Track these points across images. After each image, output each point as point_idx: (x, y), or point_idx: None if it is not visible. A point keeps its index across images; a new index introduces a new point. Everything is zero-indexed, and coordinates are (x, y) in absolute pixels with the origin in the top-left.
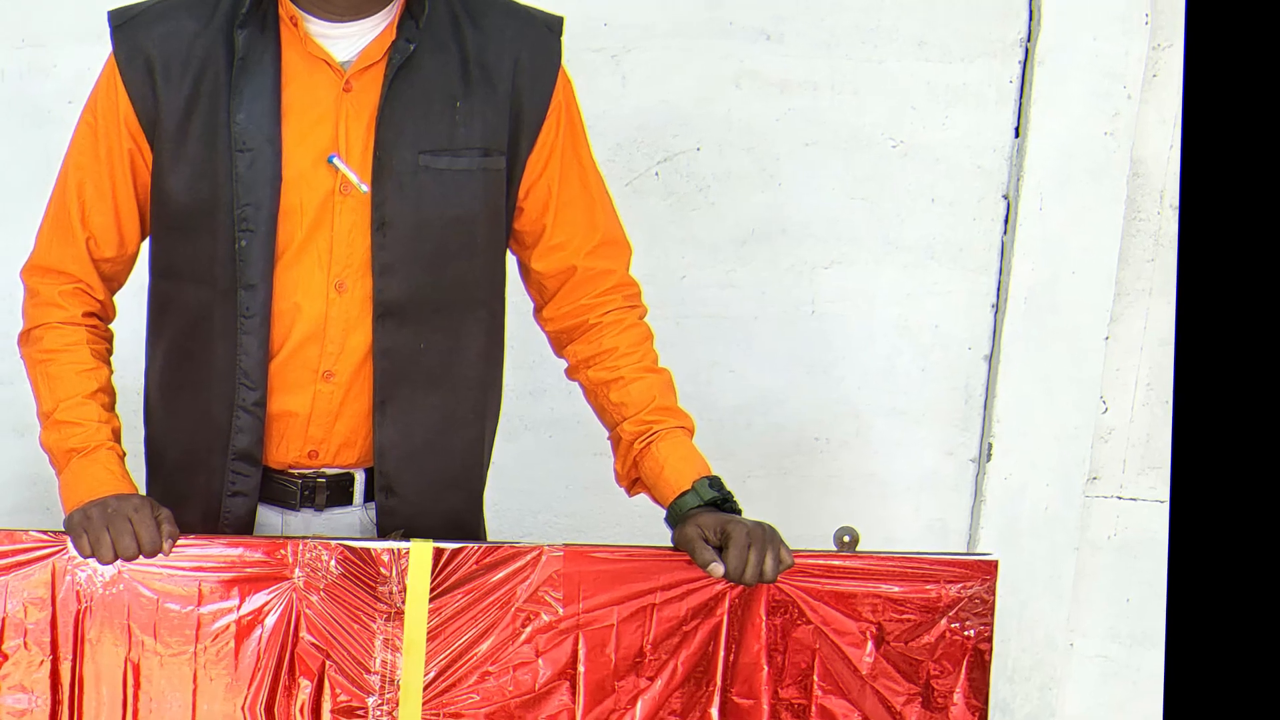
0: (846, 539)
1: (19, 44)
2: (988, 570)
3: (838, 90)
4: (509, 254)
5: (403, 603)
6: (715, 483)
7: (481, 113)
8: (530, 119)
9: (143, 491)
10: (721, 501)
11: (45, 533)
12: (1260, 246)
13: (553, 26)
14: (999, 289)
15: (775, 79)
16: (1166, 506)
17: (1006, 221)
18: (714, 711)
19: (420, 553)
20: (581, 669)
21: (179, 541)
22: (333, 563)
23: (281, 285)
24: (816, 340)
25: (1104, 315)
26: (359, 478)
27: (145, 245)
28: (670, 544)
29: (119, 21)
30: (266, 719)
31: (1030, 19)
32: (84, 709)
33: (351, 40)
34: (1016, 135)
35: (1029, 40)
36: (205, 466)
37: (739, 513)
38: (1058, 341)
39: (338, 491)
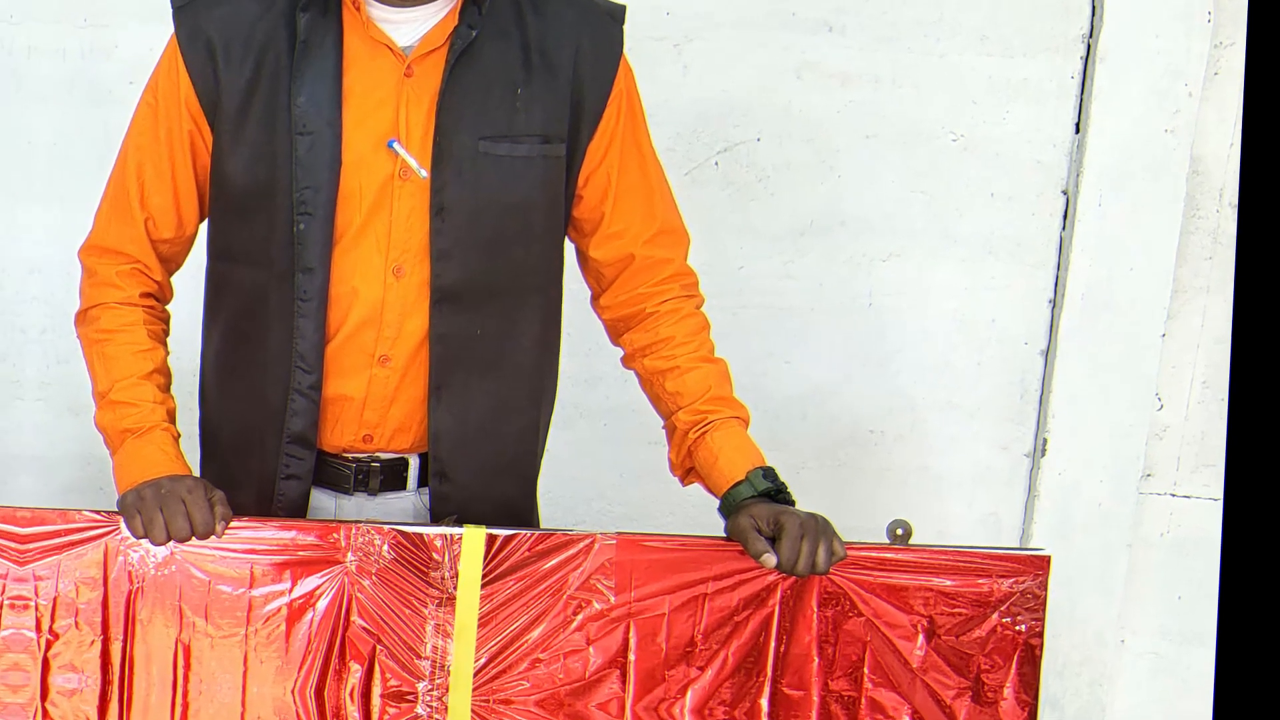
0: (899, 532)
1: (81, 24)
2: (1040, 565)
3: (898, 83)
4: (567, 241)
5: (454, 588)
6: (769, 473)
7: (542, 100)
8: (591, 107)
9: (196, 473)
10: (775, 492)
11: (98, 513)
12: None
13: (615, 15)
14: (1056, 284)
15: (836, 71)
16: (1220, 505)
17: (1065, 217)
18: (764, 702)
19: (473, 539)
20: (632, 657)
21: (232, 524)
22: (385, 547)
23: (339, 269)
24: (873, 333)
25: (1161, 312)
26: (413, 463)
27: (203, 227)
28: (723, 534)
29: (181, 3)
30: (316, 702)
31: (1092, 15)
32: (134, 689)
33: (413, 25)
34: (1076, 131)
35: (1090, 36)
36: (259, 449)
37: (792, 504)
38: (1114, 338)
39: (392, 476)
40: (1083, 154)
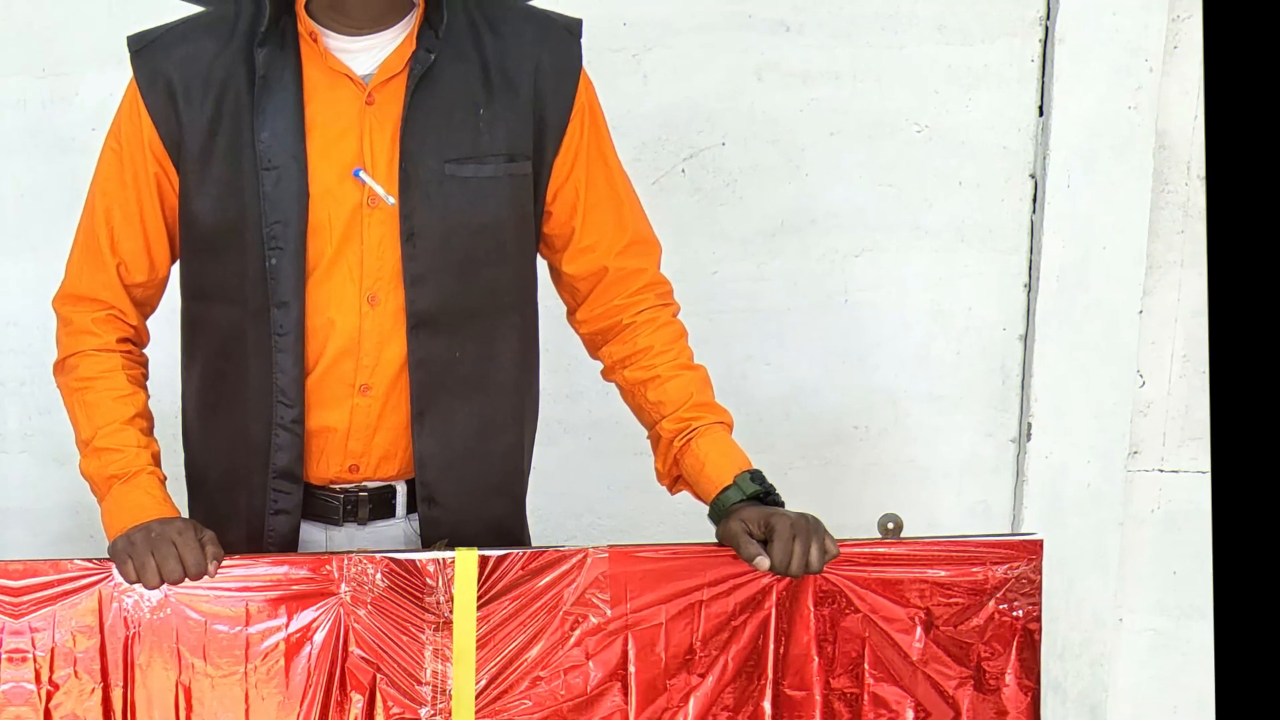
0: (890, 526)
1: (40, 74)
2: (1033, 550)
3: (859, 78)
4: (539, 258)
5: (450, 612)
6: (757, 476)
7: (505, 119)
8: (554, 123)
9: (185, 514)
10: (764, 495)
11: (90, 561)
12: None
13: (572, 29)
14: (1030, 268)
15: (797, 70)
16: (1208, 477)
17: (1034, 201)
18: (766, 705)
19: (465, 561)
20: (632, 669)
21: (224, 562)
22: (378, 576)
23: (314, 301)
24: (850, 329)
25: (1136, 289)
26: (401, 489)
27: (176, 268)
28: (715, 540)
29: (138, 46)
30: None
31: None
32: None
33: (371, 53)
34: (1040, 114)
35: (1048, 18)
36: (246, 486)
37: (781, 505)
38: (1092, 318)
39: (380, 504)
40: (1048, 136)
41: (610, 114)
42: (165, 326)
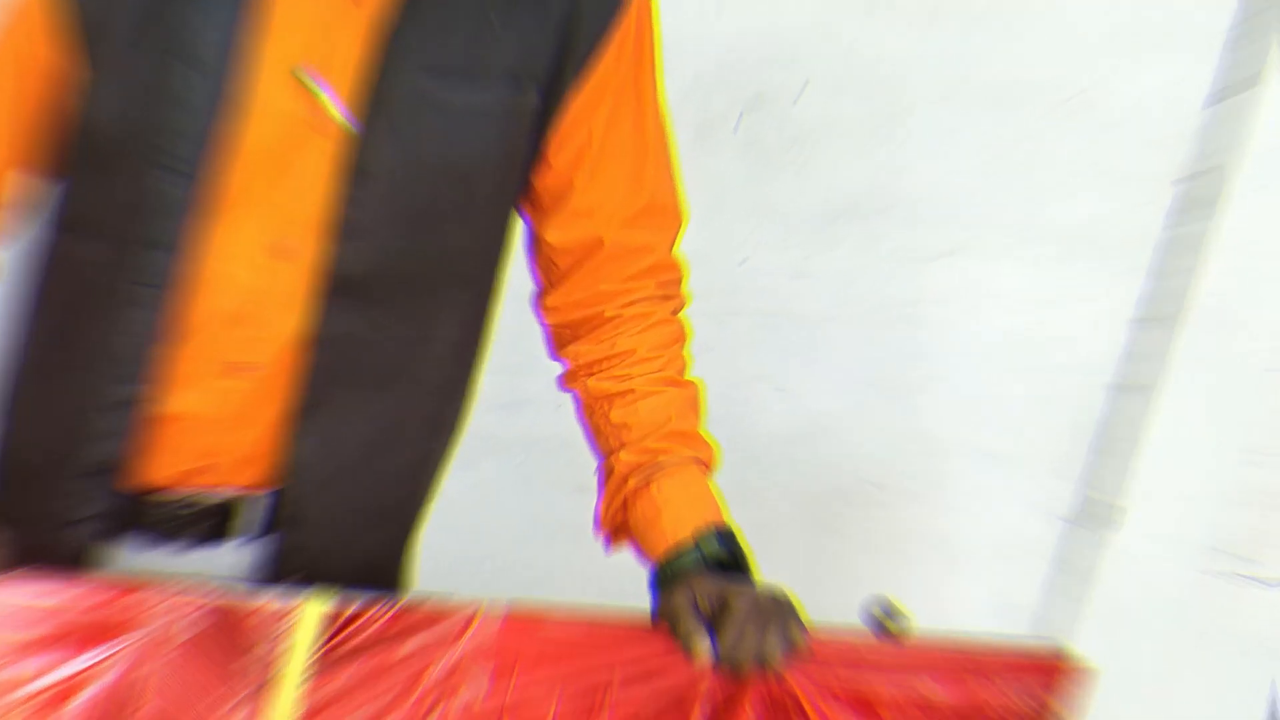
0: (880, 610)
1: None
2: (1074, 677)
3: (995, 28)
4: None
5: (278, 670)
6: (727, 536)
7: (522, 31)
8: (584, 43)
9: None
10: (731, 562)
11: None
12: None
13: None
14: (1152, 300)
15: (919, 5)
16: None
17: (1183, 212)
18: None
19: (313, 608)
20: None
21: None
22: (195, 615)
23: (203, 246)
24: (903, 353)
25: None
26: (254, 504)
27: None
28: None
29: None
30: None
31: None
32: None
33: None
34: (1216, 101)
35: None
36: (54, 482)
37: (751, 580)
38: (1225, 372)
39: (225, 520)
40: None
41: (666, 39)
42: None
